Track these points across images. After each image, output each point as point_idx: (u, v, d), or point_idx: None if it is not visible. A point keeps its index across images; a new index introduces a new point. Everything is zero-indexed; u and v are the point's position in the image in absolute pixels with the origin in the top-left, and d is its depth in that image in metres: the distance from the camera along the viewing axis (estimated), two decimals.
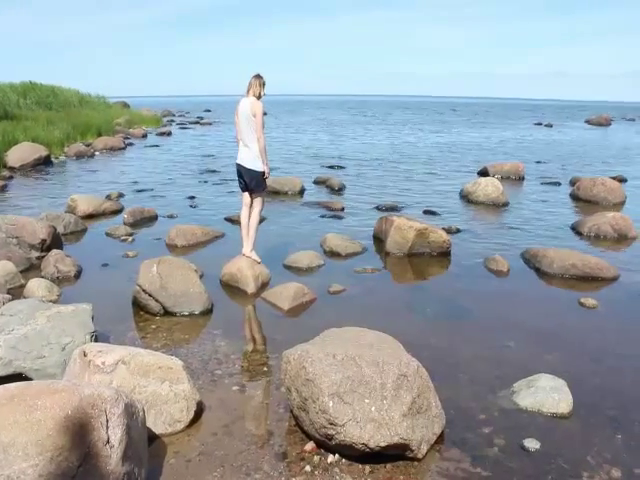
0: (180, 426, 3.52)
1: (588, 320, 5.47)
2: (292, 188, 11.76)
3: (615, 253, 7.88)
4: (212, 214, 9.70)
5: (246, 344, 4.74)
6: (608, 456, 3.34)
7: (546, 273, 6.72)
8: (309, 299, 5.69)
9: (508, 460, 3.28)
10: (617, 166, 16.99)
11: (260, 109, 6.08)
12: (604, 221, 8.81)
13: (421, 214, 9.74)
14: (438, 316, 5.43)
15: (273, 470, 3.14)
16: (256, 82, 6.16)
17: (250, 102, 6.12)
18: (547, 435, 3.53)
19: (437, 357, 4.44)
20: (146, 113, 35.17)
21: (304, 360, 3.35)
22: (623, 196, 11.70)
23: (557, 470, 3.20)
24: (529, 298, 6.03)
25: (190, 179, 13.50)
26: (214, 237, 8.13)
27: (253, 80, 6.17)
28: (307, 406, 3.27)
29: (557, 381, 3.99)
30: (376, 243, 7.92)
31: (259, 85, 6.16)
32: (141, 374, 3.56)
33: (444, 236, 7.42)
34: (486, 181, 11.50)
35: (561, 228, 9.23)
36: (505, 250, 7.57)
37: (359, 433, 3.10)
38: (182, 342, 4.78)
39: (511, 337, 4.94)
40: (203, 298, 5.44)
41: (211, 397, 3.88)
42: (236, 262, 6.28)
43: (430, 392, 3.43)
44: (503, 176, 14.15)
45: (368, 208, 10.28)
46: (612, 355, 4.68)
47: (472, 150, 21.19)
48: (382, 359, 3.32)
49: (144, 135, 25.07)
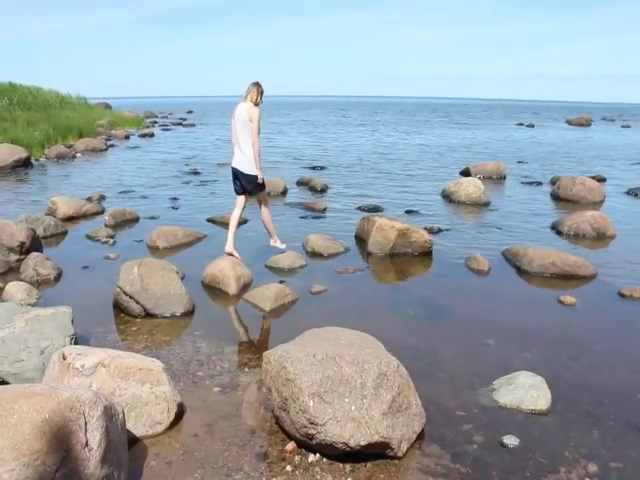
0: (161, 428, 3.50)
1: (567, 318, 5.54)
2: (275, 189, 11.74)
3: (594, 251, 7.99)
4: (194, 215, 9.67)
5: (227, 345, 4.72)
6: (585, 451, 3.39)
7: (526, 272, 6.79)
8: (291, 300, 5.69)
9: (487, 456, 3.31)
10: (597, 166, 17.21)
11: (257, 115, 6.31)
12: (583, 220, 8.92)
13: (403, 214, 9.79)
14: (419, 315, 5.47)
15: (254, 470, 3.15)
16: (254, 89, 6.40)
17: (247, 107, 6.34)
18: (526, 431, 3.57)
19: (418, 356, 4.47)
20: (128, 114, 34.94)
21: (284, 360, 3.36)
22: (602, 195, 11.86)
23: (535, 465, 3.24)
24: (509, 296, 6.10)
25: (172, 180, 13.44)
26: (196, 238, 8.11)
27: (251, 87, 6.42)
28: (288, 406, 3.27)
29: (536, 378, 4.03)
30: (358, 243, 7.95)
31: (257, 93, 6.41)
32: (121, 376, 3.54)
33: (425, 236, 7.47)
34: (468, 181, 11.59)
35: (541, 227, 9.32)
36: (486, 249, 7.63)
37: (339, 432, 3.11)
38: (163, 344, 4.76)
39: (491, 335, 4.99)
40: (184, 300, 5.42)
41: (192, 398, 3.87)
42: (218, 263, 6.27)
43: (410, 390, 3.45)
44: (485, 176, 14.26)
45: (350, 208, 10.31)
46: (590, 352, 4.75)
47: (454, 150, 21.34)
48: (362, 358, 3.34)
49: (126, 136, 24.89)
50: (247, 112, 6.33)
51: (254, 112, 6.32)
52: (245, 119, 6.33)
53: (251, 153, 6.37)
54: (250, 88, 6.42)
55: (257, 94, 6.41)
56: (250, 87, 6.43)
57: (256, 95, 6.40)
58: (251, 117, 6.29)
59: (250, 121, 6.30)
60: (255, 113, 6.31)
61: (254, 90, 6.41)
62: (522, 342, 4.88)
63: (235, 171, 6.59)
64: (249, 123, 6.31)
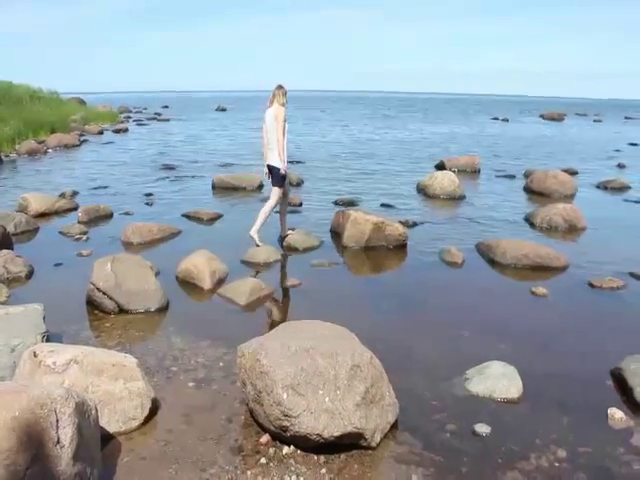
0: (135, 424, 3.49)
1: (539, 308, 5.63)
2: (250, 184, 11.72)
3: (565, 243, 8.13)
4: (169, 211, 9.59)
5: (202, 340, 4.71)
6: (554, 437, 3.47)
7: (499, 263, 6.89)
8: (266, 294, 5.70)
9: (460, 444, 3.37)
10: (569, 159, 17.47)
11: (282, 113, 6.98)
12: (555, 212, 9.06)
13: (378, 208, 9.84)
14: (393, 308, 5.52)
15: (228, 464, 3.15)
16: (279, 92, 7.06)
17: (274, 109, 7.04)
18: (497, 420, 3.63)
19: (392, 347, 4.51)
20: (102, 109, 34.46)
21: (258, 353, 3.37)
22: (574, 188, 12.06)
23: (507, 453, 3.31)
24: (483, 288, 6.18)
25: (147, 176, 13.30)
26: (171, 234, 8.05)
27: (276, 91, 7.08)
28: (262, 399, 3.28)
29: (507, 368, 4.10)
30: (333, 237, 7.98)
31: (282, 95, 7.07)
32: (94, 373, 3.51)
33: (400, 229, 7.53)
34: (442, 174, 11.68)
35: (515, 220, 9.46)
36: (460, 242, 7.72)
37: (313, 424, 3.13)
38: (137, 340, 4.73)
39: (464, 326, 5.05)
40: (158, 295, 5.39)
41: (167, 394, 3.85)
42: (192, 258, 6.23)
43: (384, 382, 3.49)
44: (459, 169, 14.39)
45: (326, 202, 10.32)
46: (560, 341, 4.85)
47: (430, 144, 21.49)
48: (336, 350, 3.36)
49: (100, 132, 24.52)
50: (274, 113, 7.00)
51: (280, 112, 6.98)
52: (272, 121, 6.99)
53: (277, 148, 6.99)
54: (275, 92, 7.08)
55: (282, 96, 7.07)
56: (275, 91, 7.09)
57: (282, 98, 7.07)
58: (276, 116, 6.95)
59: (275, 119, 6.94)
60: (280, 112, 6.97)
61: (279, 93, 7.06)
62: (495, 333, 4.96)
63: (269, 167, 7.22)
64: (274, 122, 6.96)
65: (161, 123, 32.88)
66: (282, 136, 6.97)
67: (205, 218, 9.09)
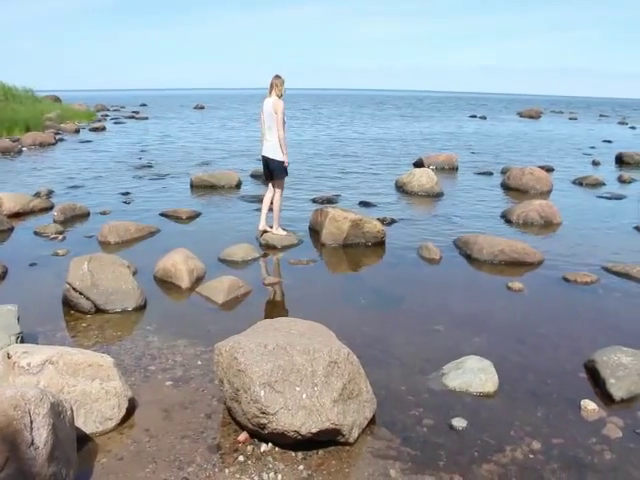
0: (112, 424, 3.46)
1: (514, 303, 5.71)
2: (229, 182, 11.68)
3: (541, 238, 8.24)
4: (147, 210, 9.52)
5: (180, 339, 4.69)
6: (529, 429, 3.52)
7: (476, 259, 6.96)
8: (244, 292, 5.69)
9: (437, 439, 3.40)
10: (545, 156, 17.71)
11: (281, 107, 7.07)
12: (532, 209, 9.18)
13: (357, 205, 9.88)
14: (371, 304, 5.54)
15: (206, 462, 3.15)
16: (278, 82, 7.11)
17: (272, 101, 7.10)
18: (474, 413, 3.68)
19: (369, 343, 4.55)
20: (79, 107, 34.09)
21: (235, 351, 3.36)
22: (550, 184, 12.23)
23: (482, 446, 3.35)
24: (460, 284, 6.24)
25: (124, 175, 13.18)
26: (149, 233, 7.99)
27: (274, 80, 7.12)
28: (239, 397, 3.28)
29: (484, 362, 4.15)
30: (312, 235, 7.98)
31: (280, 85, 7.13)
32: (70, 373, 3.48)
33: (378, 226, 7.56)
34: (421, 172, 11.75)
35: (492, 216, 9.56)
36: (438, 238, 7.78)
37: (291, 420, 3.14)
38: (114, 339, 4.70)
39: (442, 322, 5.10)
40: (136, 294, 5.36)
41: (144, 393, 3.83)
42: (170, 257, 6.20)
43: (361, 377, 3.51)
44: (438, 167, 14.50)
45: (304, 200, 10.33)
46: (535, 335, 4.91)
47: (407, 142, 21.61)
48: (313, 347, 3.37)
49: (77, 130, 24.24)
50: (272, 105, 7.07)
51: (279, 105, 7.05)
52: (271, 112, 7.07)
53: (277, 140, 7.11)
54: (273, 82, 7.11)
55: (281, 86, 7.11)
56: (273, 81, 7.12)
57: (280, 87, 7.11)
58: (276, 109, 7.03)
59: (275, 113, 7.03)
60: (280, 106, 7.05)
61: (277, 83, 7.10)
62: (471, 328, 5.01)
63: (265, 159, 7.36)
64: (274, 115, 7.03)
65: (139, 122, 32.60)
66: (282, 129, 7.10)
67: (183, 217, 9.04)
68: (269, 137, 7.20)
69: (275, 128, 7.08)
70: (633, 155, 16.83)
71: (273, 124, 7.10)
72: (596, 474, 3.13)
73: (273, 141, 7.16)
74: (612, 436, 3.47)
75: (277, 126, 7.07)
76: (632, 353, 4.25)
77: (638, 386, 3.98)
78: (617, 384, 3.94)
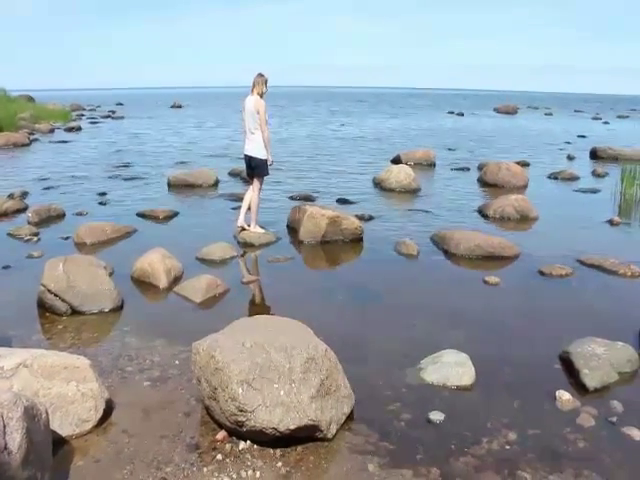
0: (88, 426, 3.43)
1: (491, 297, 5.77)
2: (206, 181, 11.62)
3: (517, 233, 8.33)
4: (124, 210, 9.43)
5: (158, 339, 4.66)
6: (506, 421, 3.56)
7: (453, 254, 7.02)
8: (222, 290, 5.67)
9: (414, 433, 3.43)
10: (521, 151, 17.90)
11: (263, 107, 7.08)
12: (508, 204, 9.28)
13: (335, 203, 9.90)
14: (349, 301, 5.57)
15: (184, 462, 3.14)
16: (259, 80, 7.12)
17: (254, 100, 7.12)
18: (451, 407, 3.71)
19: (347, 340, 4.56)
20: (53, 107, 33.52)
21: (213, 350, 3.36)
22: (526, 179, 12.38)
23: (459, 438, 3.38)
24: (437, 279, 6.29)
25: (101, 175, 13.02)
26: (125, 233, 7.92)
27: (256, 79, 7.12)
28: (217, 395, 3.28)
29: (461, 355, 4.19)
30: (290, 232, 7.98)
31: (262, 83, 7.13)
32: (45, 376, 3.44)
33: (356, 223, 7.59)
34: (398, 168, 11.81)
35: (469, 211, 9.65)
36: (416, 234, 7.83)
37: (269, 418, 3.14)
38: (91, 341, 4.65)
39: (419, 317, 5.15)
40: (113, 295, 5.31)
41: (122, 394, 3.80)
42: (147, 257, 6.15)
43: (339, 373, 3.53)
44: (415, 163, 14.58)
45: (282, 198, 10.31)
46: (511, 328, 4.98)
47: (385, 139, 21.68)
48: (290, 344, 3.38)
49: (51, 130, 23.89)
50: (254, 105, 7.09)
51: (260, 104, 7.07)
52: (253, 111, 7.11)
53: (260, 139, 7.16)
54: (255, 80, 7.12)
55: (262, 84, 7.13)
56: (255, 79, 7.12)
57: (261, 86, 7.13)
58: (258, 109, 7.06)
59: (257, 113, 7.07)
60: (261, 105, 7.07)
61: (259, 81, 7.11)
62: (449, 322, 5.06)
63: (247, 157, 7.42)
64: (257, 115, 7.08)
65: (115, 121, 32.24)
66: (266, 128, 7.15)
67: (161, 216, 8.98)
68: (251, 136, 7.24)
69: (258, 128, 7.13)
70: (607, 150, 17.10)
71: (256, 123, 7.13)
72: (570, 462, 3.18)
73: (256, 140, 7.20)
74: (586, 425, 3.54)
75: (261, 126, 7.11)
76: (605, 344, 4.33)
77: (611, 376, 4.06)
78: (591, 374, 4.01)
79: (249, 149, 7.34)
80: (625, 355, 4.27)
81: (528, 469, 3.12)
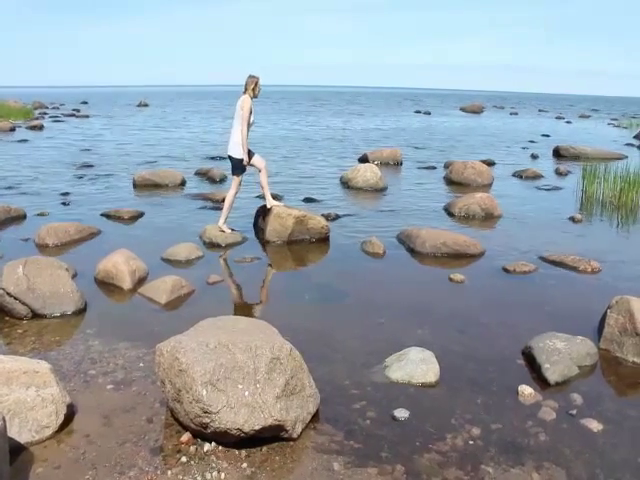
0: (49, 432, 3.36)
1: (456, 294, 5.84)
2: (172, 181, 11.49)
3: (482, 230, 8.46)
4: (88, 210, 9.26)
5: (122, 341, 4.59)
6: (469, 417, 3.61)
7: (419, 252, 7.09)
8: (187, 291, 5.62)
9: (379, 430, 3.45)
10: (487, 150, 18.19)
11: (247, 104, 7.17)
12: (473, 202, 9.41)
13: (302, 202, 9.89)
14: (315, 300, 5.57)
15: (148, 465, 3.10)
16: (250, 81, 7.27)
17: (242, 99, 7.25)
18: (416, 404, 3.75)
19: (313, 339, 4.57)
20: (14, 105, 32.72)
21: (177, 351, 3.32)
22: (491, 178, 12.57)
23: (424, 435, 3.41)
24: (403, 277, 6.34)
25: (64, 175, 12.76)
26: (89, 234, 7.77)
27: (247, 80, 7.28)
28: (181, 397, 3.25)
29: (425, 353, 4.23)
30: (256, 232, 7.93)
31: (251, 84, 7.26)
32: (2, 382, 3.35)
33: (322, 222, 7.60)
34: (365, 167, 11.87)
35: (435, 209, 9.75)
36: (382, 233, 7.87)
37: (233, 419, 3.13)
38: (52, 345, 4.55)
39: (385, 315, 5.18)
40: (75, 297, 5.21)
41: (84, 398, 3.74)
42: (111, 258, 6.05)
43: (304, 373, 3.52)
44: (382, 162, 14.68)
45: (249, 198, 10.24)
46: (475, 324, 5.05)
47: (352, 138, 21.76)
48: (255, 344, 3.36)
49: (12, 129, 23.27)
50: (240, 103, 7.23)
51: (246, 102, 7.18)
52: (238, 109, 7.23)
53: (239, 138, 7.22)
54: (247, 81, 7.27)
55: (252, 85, 7.26)
56: (247, 80, 7.28)
57: (251, 87, 7.26)
58: (242, 106, 7.17)
59: (241, 109, 7.16)
60: (246, 103, 7.17)
61: (250, 82, 7.26)
62: (414, 320, 5.10)
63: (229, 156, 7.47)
64: (240, 111, 7.18)
65: (80, 120, 31.62)
66: (245, 127, 7.18)
67: (126, 217, 8.84)
68: (232, 133, 7.36)
69: (239, 125, 7.22)
70: (569, 148, 17.49)
71: (237, 120, 7.25)
72: (532, 455, 3.24)
73: (234, 138, 7.30)
74: (547, 418, 3.61)
75: (240, 123, 7.19)
76: (566, 338, 4.43)
77: (571, 370, 4.15)
78: (552, 368, 4.09)
79: (229, 147, 7.43)
80: (585, 349, 4.37)
81: (491, 463, 3.17)
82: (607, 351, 4.55)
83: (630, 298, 4.63)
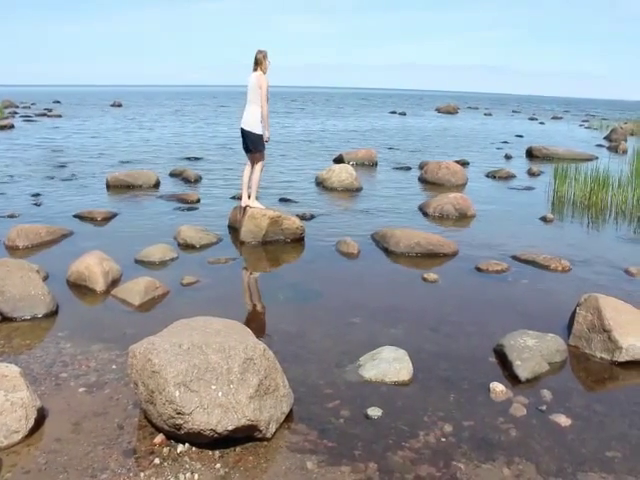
0: (18, 437, 3.31)
1: (429, 293, 5.91)
2: (146, 181, 11.38)
3: (456, 230, 8.56)
4: (60, 211, 9.12)
5: (94, 344, 4.54)
6: (442, 414, 3.65)
7: (393, 252, 7.14)
8: (161, 293, 5.58)
9: (353, 429, 3.47)
10: (461, 150, 18.38)
11: (265, 83, 7.33)
12: (447, 201, 9.51)
13: (277, 202, 9.88)
14: (289, 300, 5.57)
15: (121, 468, 3.08)
16: (260, 56, 7.35)
17: (257, 76, 7.36)
18: (389, 402, 3.78)
19: (287, 339, 4.58)
20: None
21: (150, 352, 3.31)
22: (465, 178, 12.71)
23: (397, 433, 3.45)
24: (377, 277, 6.38)
25: (35, 175, 12.54)
26: (61, 235, 7.66)
27: (258, 55, 7.35)
28: (154, 398, 3.23)
29: (399, 352, 4.27)
30: (231, 233, 7.92)
31: (263, 59, 7.37)
32: None
33: (297, 222, 7.61)
34: (340, 168, 11.91)
35: (409, 209, 9.82)
36: (357, 233, 7.91)
37: (207, 419, 3.12)
38: (22, 348, 4.48)
39: (358, 315, 5.20)
40: (47, 300, 5.14)
41: (55, 402, 3.69)
42: (84, 260, 5.98)
43: (278, 373, 3.53)
44: (357, 162, 14.74)
45: (224, 198, 10.22)
46: (448, 323, 5.11)
47: (328, 138, 21.82)
48: (228, 345, 3.36)
49: None
50: (257, 80, 7.32)
51: (263, 80, 7.32)
52: (255, 86, 7.32)
53: (259, 115, 7.39)
54: (257, 58, 7.35)
55: (264, 60, 7.36)
56: (257, 56, 7.35)
57: (264, 62, 7.36)
58: (260, 85, 7.29)
59: (260, 88, 7.28)
60: (264, 81, 7.31)
61: (261, 58, 7.35)
62: (388, 319, 5.14)
63: (243, 131, 7.59)
64: (258, 90, 7.30)
65: (52, 119, 31.13)
66: (266, 105, 7.38)
67: (99, 218, 8.74)
68: (249, 109, 7.45)
69: (257, 102, 7.34)
70: (541, 149, 17.77)
71: (256, 98, 7.34)
72: (503, 451, 3.29)
73: (254, 114, 7.40)
74: (518, 414, 3.67)
75: (262, 101, 7.32)
76: (536, 335, 4.50)
77: (541, 366, 4.22)
78: (522, 365, 4.16)
79: (245, 122, 7.50)
80: (555, 346, 4.45)
81: (463, 459, 3.21)
82: (576, 347, 4.65)
83: (598, 296, 4.74)
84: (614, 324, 4.47)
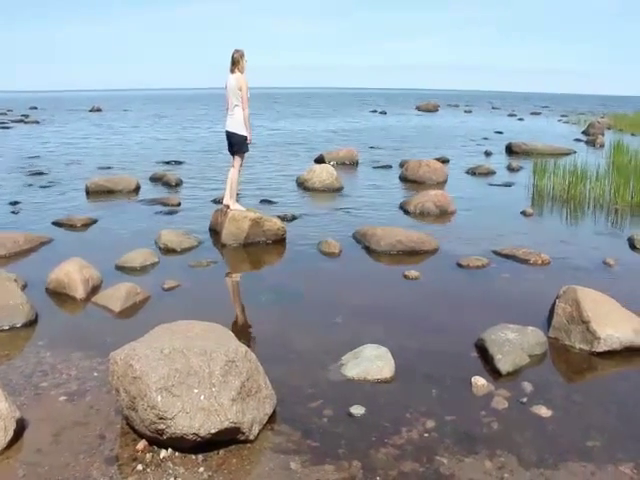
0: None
1: (411, 291, 5.94)
2: (127, 186, 11.29)
3: (437, 227, 8.62)
4: (38, 219, 9.02)
5: (75, 352, 4.49)
6: (424, 410, 3.68)
7: (375, 251, 7.17)
8: (142, 298, 5.54)
9: (336, 428, 3.48)
10: (441, 148, 18.48)
11: (245, 84, 7.29)
12: (427, 199, 9.57)
13: (258, 204, 9.86)
14: (271, 302, 5.57)
15: (103, 476, 3.05)
16: (237, 56, 7.30)
17: (236, 78, 7.31)
18: (372, 400, 3.80)
19: (269, 341, 4.58)
20: None
21: (131, 358, 3.29)
22: (445, 175, 12.81)
23: (380, 430, 3.46)
24: (358, 276, 6.40)
25: (13, 183, 12.37)
26: (40, 243, 7.57)
27: (235, 55, 7.30)
28: (136, 404, 3.21)
29: (380, 350, 4.29)
30: (212, 236, 7.88)
31: (240, 58, 7.31)
32: None
33: (278, 224, 7.61)
34: (321, 168, 11.93)
35: (391, 208, 9.87)
36: (338, 232, 7.93)
37: (189, 423, 3.11)
38: (1, 359, 4.41)
39: (341, 314, 5.21)
40: (25, 309, 5.08)
41: (35, 412, 3.65)
42: (63, 267, 5.91)
43: (260, 374, 3.53)
44: (338, 162, 14.76)
45: (205, 201, 10.18)
46: (430, 320, 5.15)
47: (308, 139, 21.80)
48: (210, 348, 3.36)
49: None
50: (236, 82, 7.28)
51: (243, 82, 7.28)
52: (234, 88, 7.29)
53: (241, 117, 7.36)
54: (235, 57, 7.30)
55: (241, 59, 7.31)
56: (235, 56, 7.30)
57: (242, 62, 7.32)
58: (240, 86, 7.25)
59: (240, 90, 7.26)
60: (244, 83, 7.27)
61: (238, 58, 7.29)
62: (369, 317, 5.16)
63: (227, 134, 7.59)
64: (239, 92, 7.27)
65: (29, 126, 30.72)
66: (247, 106, 7.34)
67: (78, 224, 8.65)
68: (232, 112, 7.43)
69: (239, 104, 7.32)
70: (521, 145, 17.95)
71: (237, 100, 7.32)
72: (485, 444, 3.33)
73: (237, 117, 7.38)
74: (499, 407, 3.71)
75: (242, 103, 7.30)
76: (517, 329, 4.55)
77: (522, 359, 4.27)
78: (503, 359, 4.20)
79: (229, 125, 7.51)
80: (535, 339, 4.50)
81: (445, 454, 3.24)
82: (556, 339, 4.70)
83: (577, 287, 4.80)
84: (592, 315, 4.53)
